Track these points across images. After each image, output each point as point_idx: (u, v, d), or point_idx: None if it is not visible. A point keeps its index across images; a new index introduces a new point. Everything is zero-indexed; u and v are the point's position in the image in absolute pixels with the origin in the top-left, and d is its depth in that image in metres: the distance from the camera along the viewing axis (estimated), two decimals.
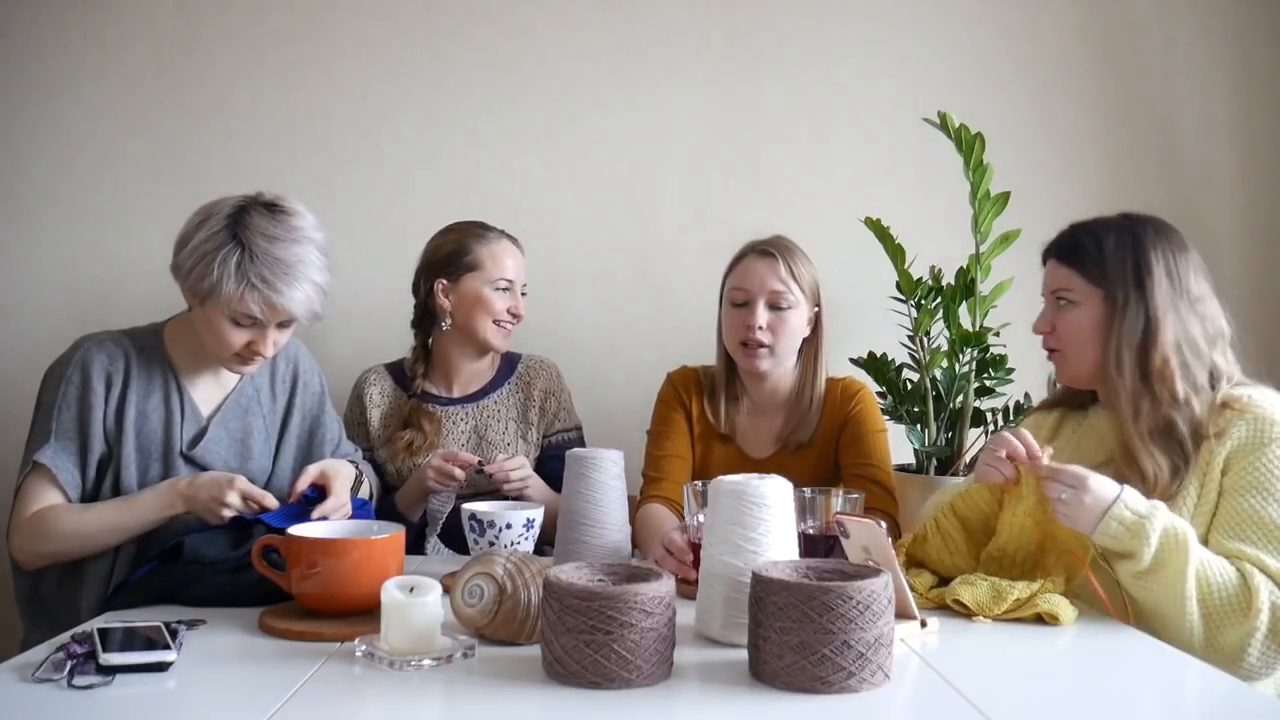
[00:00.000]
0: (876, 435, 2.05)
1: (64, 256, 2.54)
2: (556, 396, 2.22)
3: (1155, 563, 1.43)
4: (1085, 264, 1.65)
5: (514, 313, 2.16)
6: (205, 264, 1.65)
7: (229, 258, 1.65)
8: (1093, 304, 1.64)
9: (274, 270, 1.65)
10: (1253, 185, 2.63)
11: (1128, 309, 1.60)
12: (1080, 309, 1.66)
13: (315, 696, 1.11)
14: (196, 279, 1.67)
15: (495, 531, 1.57)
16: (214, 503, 1.59)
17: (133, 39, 2.54)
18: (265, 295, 1.66)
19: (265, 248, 1.66)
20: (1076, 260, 1.66)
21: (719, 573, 1.30)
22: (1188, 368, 1.58)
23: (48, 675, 1.14)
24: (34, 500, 1.67)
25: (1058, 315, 1.69)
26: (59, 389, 1.72)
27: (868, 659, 1.12)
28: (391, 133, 2.57)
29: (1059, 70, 2.61)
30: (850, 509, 1.54)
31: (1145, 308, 1.60)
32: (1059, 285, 1.68)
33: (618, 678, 1.12)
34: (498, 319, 2.14)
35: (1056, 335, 1.69)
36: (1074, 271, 1.66)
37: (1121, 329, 1.60)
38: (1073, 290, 1.66)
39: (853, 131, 2.61)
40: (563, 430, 2.21)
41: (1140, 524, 1.42)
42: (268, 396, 1.87)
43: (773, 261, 2.01)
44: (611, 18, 2.59)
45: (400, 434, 2.14)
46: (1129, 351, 1.60)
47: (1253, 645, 1.42)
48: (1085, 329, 1.65)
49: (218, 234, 1.66)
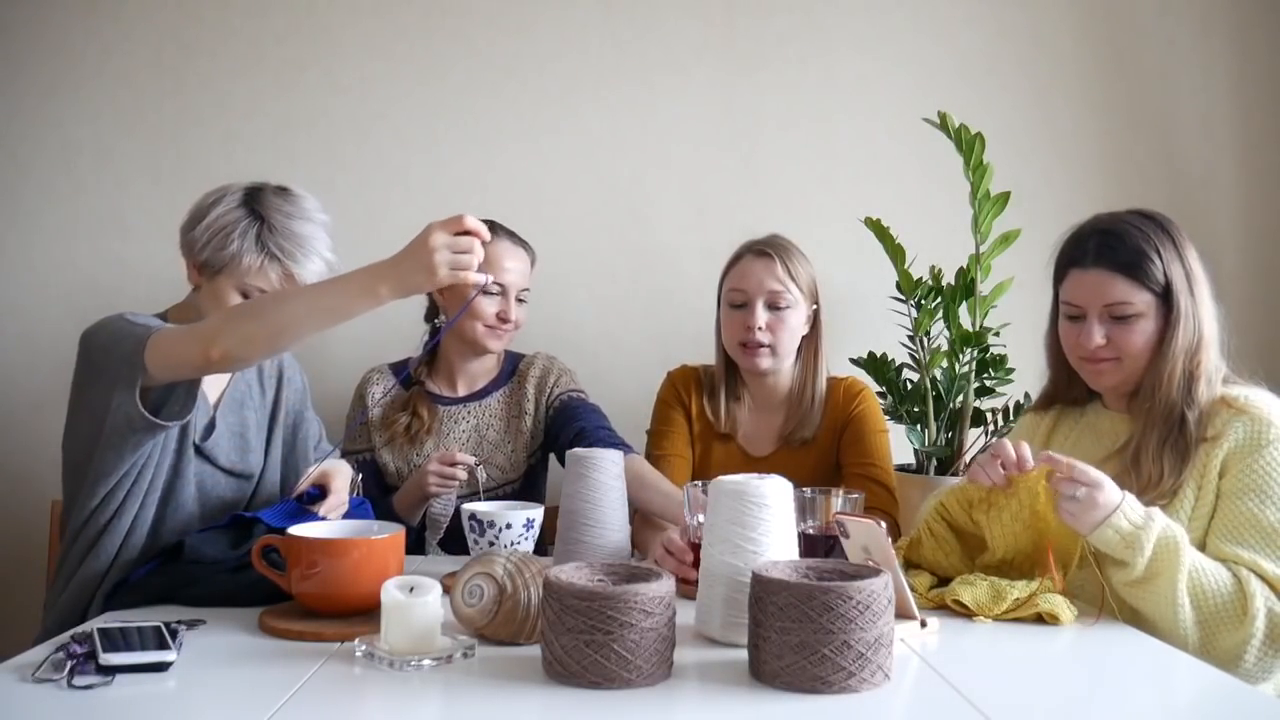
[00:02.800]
0: (878, 435, 2.06)
1: (64, 256, 2.54)
2: (553, 371, 2.17)
3: (1148, 572, 1.42)
4: (1150, 275, 1.57)
5: (503, 318, 2.09)
6: (224, 236, 1.68)
7: (249, 230, 1.68)
8: (1154, 314, 1.59)
9: (292, 242, 1.70)
10: (1253, 185, 2.63)
11: (1188, 318, 1.57)
12: (1144, 320, 1.59)
13: (315, 696, 1.11)
14: (214, 251, 1.68)
15: (495, 531, 1.57)
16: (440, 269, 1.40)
17: (133, 39, 2.54)
18: (285, 265, 1.69)
19: (284, 221, 1.70)
20: (1141, 271, 1.58)
21: (719, 573, 1.30)
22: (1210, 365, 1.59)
23: (48, 675, 1.14)
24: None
25: (1115, 329, 1.60)
26: (121, 324, 1.61)
27: (868, 659, 1.12)
28: (391, 133, 2.57)
29: (1059, 70, 2.61)
30: (850, 509, 1.54)
31: (1197, 314, 1.57)
32: (1120, 299, 1.58)
33: (618, 678, 1.12)
34: (486, 323, 2.09)
35: (1114, 346, 1.61)
36: (1138, 284, 1.58)
37: (1181, 338, 1.56)
38: (1133, 304, 1.58)
39: (853, 131, 2.61)
40: (567, 390, 2.15)
41: (1136, 535, 1.41)
42: (258, 391, 1.87)
43: (769, 262, 2.01)
44: (611, 18, 2.59)
45: (398, 417, 2.12)
46: (1183, 359, 1.57)
47: (1249, 651, 1.42)
48: (1150, 341, 1.59)
49: (235, 209, 1.70)
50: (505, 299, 2.10)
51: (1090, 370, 1.65)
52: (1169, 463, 1.55)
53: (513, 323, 2.11)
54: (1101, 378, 1.65)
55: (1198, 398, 1.57)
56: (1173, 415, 1.57)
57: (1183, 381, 1.57)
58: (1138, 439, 1.59)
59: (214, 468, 1.75)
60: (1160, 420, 1.57)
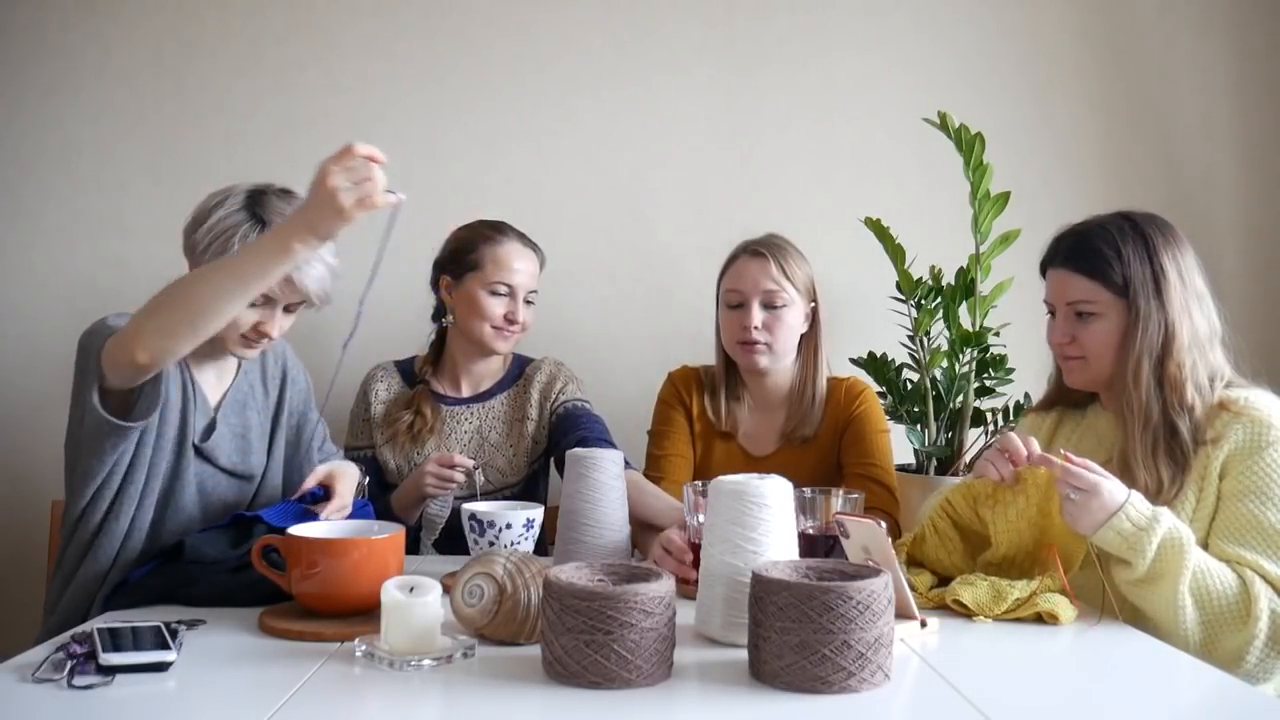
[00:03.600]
0: (879, 435, 2.06)
1: (64, 256, 2.54)
2: (559, 378, 2.17)
3: (1150, 573, 1.42)
4: (1108, 275, 1.60)
5: (510, 319, 2.09)
6: (225, 239, 1.67)
7: (250, 234, 1.67)
8: (1116, 314, 1.60)
9: None
10: (1252, 185, 2.63)
11: (1150, 318, 1.57)
12: (1104, 320, 1.61)
13: (315, 696, 1.11)
14: (215, 254, 1.67)
15: (495, 531, 1.57)
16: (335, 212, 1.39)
17: (133, 39, 2.54)
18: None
19: None
20: (1099, 271, 1.60)
21: (719, 573, 1.30)
22: (1195, 369, 1.58)
23: (48, 675, 1.14)
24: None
25: (1078, 327, 1.63)
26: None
27: (868, 659, 1.12)
28: (391, 133, 2.57)
29: (1059, 70, 2.61)
30: (850, 509, 1.54)
31: (1164, 315, 1.57)
32: (1079, 297, 1.62)
33: (618, 678, 1.12)
34: (494, 324, 2.09)
35: (1078, 345, 1.64)
36: (1096, 283, 1.61)
37: (1143, 338, 1.57)
38: (1095, 302, 1.61)
39: (853, 131, 2.61)
40: (572, 399, 2.15)
41: (1139, 536, 1.41)
42: (261, 393, 1.87)
43: (764, 262, 2.02)
44: (611, 18, 2.59)
45: (402, 415, 2.12)
46: (1148, 360, 1.57)
47: (1251, 652, 1.42)
48: (1111, 339, 1.61)
49: (237, 212, 1.69)
50: (513, 299, 2.10)
51: (1064, 367, 1.70)
52: (1166, 470, 1.55)
53: (520, 324, 2.10)
54: (1071, 375, 1.69)
55: (1186, 403, 1.56)
56: (1152, 420, 1.56)
57: (1155, 385, 1.57)
58: (1122, 444, 1.59)
59: (215, 469, 1.75)
60: (1141, 426, 1.57)
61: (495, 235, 2.12)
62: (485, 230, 2.13)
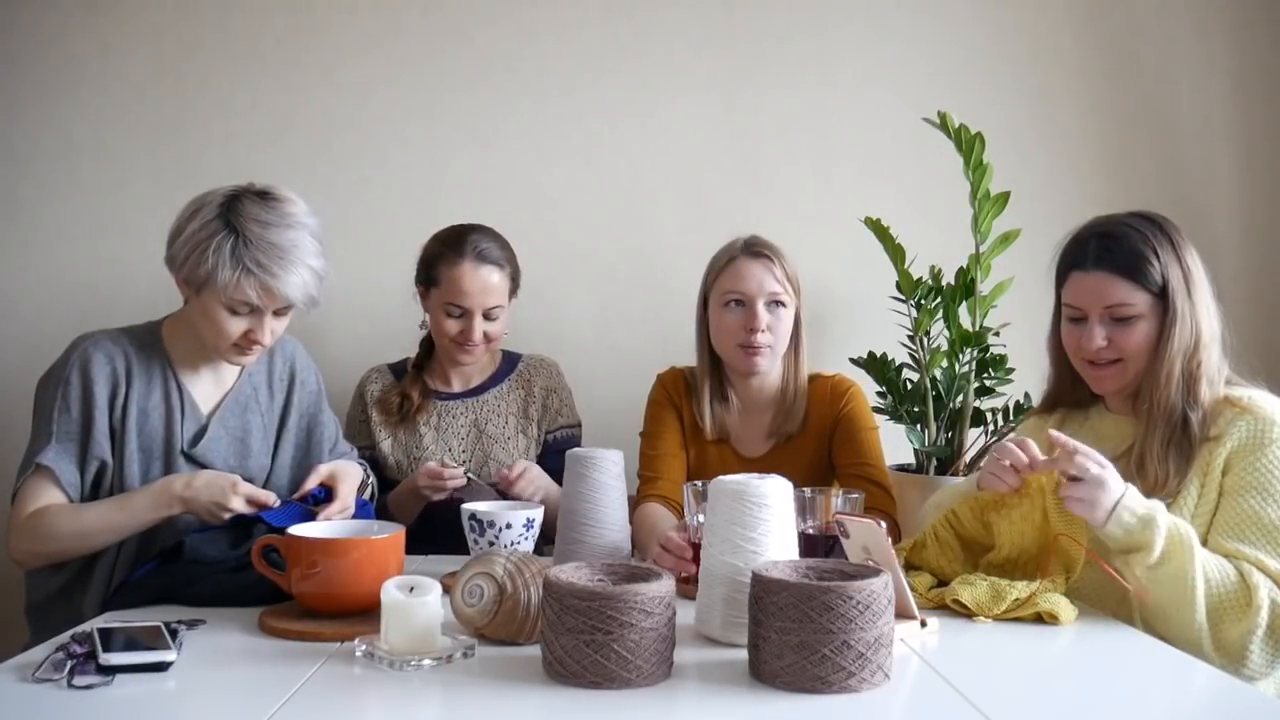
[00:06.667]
0: (869, 433, 2.04)
1: (64, 256, 2.54)
2: (558, 394, 2.22)
3: (1164, 555, 1.43)
4: (1148, 276, 1.58)
5: (462, 340, 2.09)
6: (200, 252, 1.65)
7: (223, 244, 1.64)
8: (1154, 316, 1.59)
9: (269, 255, 1.65)
10: (1252, 185, 2.63)
11: (1185, 318, 1.57)
12: (1144, 322, 1.59)
13: (315, 696, 1.11)
14: (191, 268, 1.66)
15: (495, 531, 1.57)
16: (216, 506, 1.59)
17: (133, 40, 2.54)
18: (261, 280, 1.65)
19: (259, 233, 1.65)
20: (1139, 273, 1.58)
21: (719, 573, 1.30)
22: (1210, 364, 1.59)
23: (48, 675, 1.14)
24: (34, 501, 1.66)
25: (1116, 330, 1.61)
26: (59, 390, 1.71)
27: (868, 659, 1.12)
28: (391, 133, 2.57)
29: (1059, 70, 2.61)
30: (850, 509, 1.54)
31: (1194, 314, 1.58)
32: (1120, 300, 1.59)
33: (618, 678, 1.12)
34: (452, 339, 2.10)
35: (1115, 348, 1.61)
36: (1137, 285, 1.59)
37: (1179, 338, 1.57)
38: (1135, 305, 1.59)
39: (853, 132, 2.61)
40: (564, 427, 2.21)
41: (1150, 514, 1.42)
42: (265, 395, 1.87)
43: (769, 263, 2.01)
44: (612, 19, 2.59)
45: (391, 399, 2.15)
46: (1180, 360, 1.57)
47: (1253, 643, 1.43)
48: (1150, 342, 1.60)
49: (210, 222, 1.66)
50: (467, 319, 2.09)
51: (1093, 375, 1.66)
52: (1174, 463, 1.56)
53: (475, 343, 2.10)
54: (1104, 383, 1.65)
55: (1200, 398, 1.57)
56: (1173, 416, 1.57)
57: (1181, 382, 1.58)
58: (1141, 442, 1.59)
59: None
60: (1161, 422, 1.58)
61: (452, 255, 2.09)
62: (446, 247, 2.11)
